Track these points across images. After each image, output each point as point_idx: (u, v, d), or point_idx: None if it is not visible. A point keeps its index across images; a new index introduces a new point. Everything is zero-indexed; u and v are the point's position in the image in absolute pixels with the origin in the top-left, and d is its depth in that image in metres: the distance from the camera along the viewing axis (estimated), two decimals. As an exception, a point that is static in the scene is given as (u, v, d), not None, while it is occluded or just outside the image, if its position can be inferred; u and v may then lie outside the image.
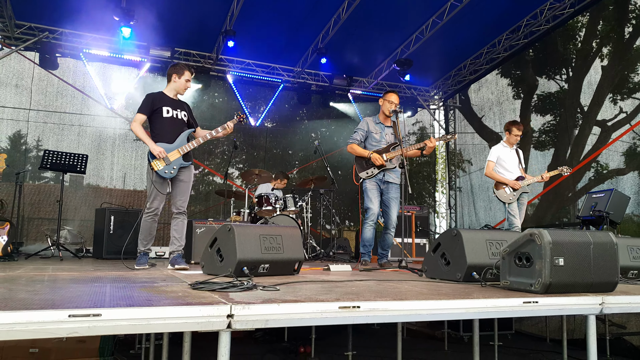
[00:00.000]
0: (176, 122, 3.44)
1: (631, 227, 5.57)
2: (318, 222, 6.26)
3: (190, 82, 3.52)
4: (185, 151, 3.40)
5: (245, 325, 1.41)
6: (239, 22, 6.28)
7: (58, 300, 1.52)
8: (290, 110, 8.43)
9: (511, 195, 4.61)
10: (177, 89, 3.50)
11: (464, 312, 1.77)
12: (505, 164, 4.74)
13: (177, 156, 3.36)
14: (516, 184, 4.60)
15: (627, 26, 6.00)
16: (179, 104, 3.53)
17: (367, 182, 3.95)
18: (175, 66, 3.52)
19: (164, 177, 3.33)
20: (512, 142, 4.78)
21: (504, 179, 4.64)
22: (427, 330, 4.89)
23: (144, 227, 3.39)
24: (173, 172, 3.34)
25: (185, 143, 3.42)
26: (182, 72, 3.46)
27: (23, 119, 6.74)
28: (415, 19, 6.63)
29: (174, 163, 3.34)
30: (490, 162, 4.77)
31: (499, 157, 4.76)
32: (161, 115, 3.39)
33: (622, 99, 6.01)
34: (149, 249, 3.45)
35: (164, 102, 3.43)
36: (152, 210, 3.36)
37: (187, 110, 3.56)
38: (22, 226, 6.19)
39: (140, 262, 3.40)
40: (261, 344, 4.42)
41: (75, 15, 6.20)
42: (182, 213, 3.43)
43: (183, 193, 3.43)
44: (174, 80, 3.48)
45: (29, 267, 3.33)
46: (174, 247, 3.39)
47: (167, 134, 3.38)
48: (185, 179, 3.44)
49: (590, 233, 2.11)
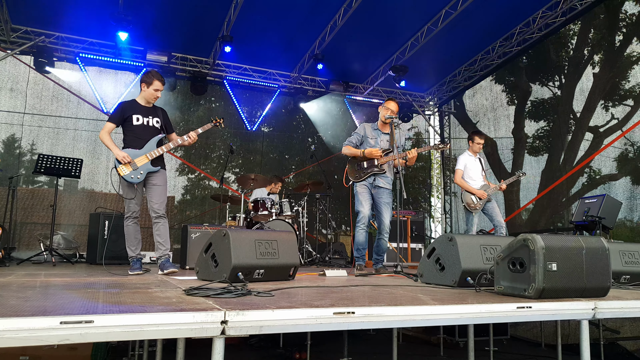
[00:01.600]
0: (147, 129, 3.48)
1: (624, 232, 5.62)
2: (314, 226, 6.26)
3: (160, 91, 3.53)
4: (154, 156, 3.43)
5: (240, 331, 1.41)
6: (236, 27, 6.31)
7: (50, 306, 1.51)
8: (287, 115, 8.46)
9: (478, 205, 4.87)
10: (147, 98, 3.53)
11: (459, 318, 1.77)
12: (470, 172, 5.00)
13: (144, 161, 3.40)
14: (483, 194, 4.86)
15: (617, 34, 6.11)
16: (152, 110, 3.56)
17: (357, 186, 3.97)
18: (146, 75, 3.54)
19: (130, 182, 3.36)
20: (475, 150, 5.09)
21: (471, 189, 4.91)
22: (422, 336, 4.89)
23: (127, 232, 3.42)
24: (140, 177, 3.38)
25: (154, 148, 3.46)
26: (150, 82, 3.48)
27: (17, 122, 6.70)
28: (410, 26, 6.70)
29: (141, 168, 3.39)
30: (458, 170, 5.04)
31: (466, 165, 5.01)
32: (131, 123, 3.45)
33: (613, 105, 6.09)
34: (139, 253, 3.44)
35: (134, 110, 3.48)
36: (128, 215, 3.40)
37: (161, 116, 3.59)
38: (14, 231, 6.13)
39: (134, 268, 3.39)
40: (256, 350, 4.39)
41: (72, 19, 6.20)
42: (162, 216, 3.43)
43: (158, 196, 3.45)
44: (143, 89, 3.51)
45: (21, 273, 3.30)
46: (161, 252, 3.40)
47: (137, 140, 3.44)
48: (158, 183, 3.47)
49: (582, 238, 2.13)
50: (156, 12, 6.04)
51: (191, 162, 7.96)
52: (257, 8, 6.10)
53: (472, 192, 4.88)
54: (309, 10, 6.21)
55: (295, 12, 6.22)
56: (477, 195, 4.86)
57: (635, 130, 5.64)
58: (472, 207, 4.88)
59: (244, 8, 5.94)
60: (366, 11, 6.11)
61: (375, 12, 6.24)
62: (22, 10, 6.12)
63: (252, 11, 6.12)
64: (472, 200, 4.88)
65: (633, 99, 5.85)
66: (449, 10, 6.14)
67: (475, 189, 4.89)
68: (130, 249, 3.43)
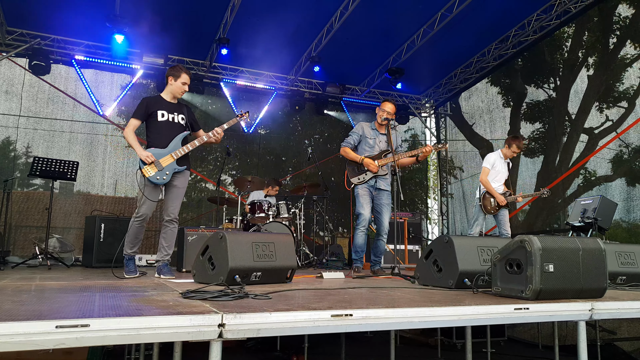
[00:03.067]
0: (172, 126, 3.33)
1: (619, 233, 5.66)
2: (311, 228, 6.25)
3: (187, 85, 3.43)
4: (179, 155, 3.29)
5: (237, 334, 1.40)
6: (232, 30, 6.31)
7: (45, 310, 1.50)
8: (284, 117, 8.46)
9: (494, 209, 4.77)
10: (174, 92, 3.40)
11: (456, 319, 1.77)
12: (496, 174, 4.85)
13: (170, 161, 3.25)
14: (503, 201, 4.74)
15: (611, 37, 6.16)
16: (177, 107, 3.43)
17: (359, 188, 3.96)
18: (173, 68, 3.44)
19: (156, 183, 3.22)
20: (508, 155, 4.90)
21: (494, 192, 4.76)
22: (420, 338, 4.88)
23: (132, 231, 3.29)
24: (166, 177, 3.24)
25: (179, 147, 3.31)
26: (178, 75, 3.38)
27: (12, 125, 6.66)
28: (406, 29, 6.74)
29: (167, 168, 3.24)
30: (485, 168, 4.85)
31: (494, 165, 4.86)
32: (156, 119, 3.29)
33: (607, 107, 6.14)
34: (135, 252, 3.35)
35: (159, 106, 3.33)
36: (140, 215, 3.25)
37: (186, 113, 3.45)
38: (9, 234, 6.08)
39: (129, 270, 3.30)
40: (253, 353, 4.37)
41: (68, 22, 6.18)
42: (173, 220, 3.33)
43: (175, 199, 3.33)
44: (170, 82, 3.39)
45: (16, 277, 3.27)
46: (161, 256, 3.31)
47: (162, 138, 3.28)
48: (179, 185, 3.34)
49: (579, 239, 2.14)
50: (152, 15, 6.03)
51: (188, 164, 7.93)
52: (254, 11, 6.11)
53: (494, 196, 4.73)
54: (306, 13, 6.23)
55: (291, 14, 6.24)
56: (497, 200, 4.71)
57: (629, 131, 5.69)
58: (488, 209, 4.74)
59: (241, 10, 5.95)
60: (363, 14, 6.13)
61: (371, 15, 6.26)
62: (17, 13, 6.09)
63: (248, 14, 6.12)
64: (491, 203, 4.73)
65: (627, 100, 5.91)
66: (444, 12, 6.17)
67: (498, 193, 4.75)
68: (128, 245, 3.30)
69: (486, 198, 4.78)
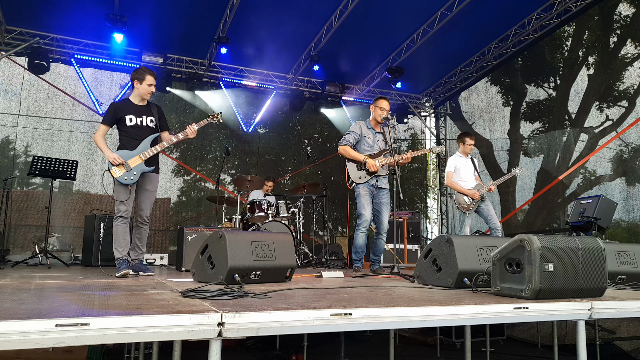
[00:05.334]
0: (140, 130, 3.42)
1: (619, 232, 5.66)
2: (310, 228, 6.25)
3: (153, 86, 3.47)
4: (147, 156, 3.39)
5: (236, 333, 1.40)
6: (232, 29, 6.30)
7: (45, 309, 1.49)
8: (283, 116, 8.45)
9: (471, 205, 4.86)
10: (141, 94, 3.47)
11: (456, 319, 1.77)
12: (461, 173, 4.99)
13: (138, 162, 3.36)
14: (475, 194, 4.84)
15: (612, 36, 6.16)
16: (146, 109, 3.49)
17: (359, 187, 3.94)
18: (136, 71, 3.49)
19: (124, 183, 3.33)
20: (466, 151, 5.09)
21: (462, 189, 4.90)
22: (419, 337, 4.89)
23: (115, 232, 3.36)
24: (134, 178, 3.35)
25: (148, 148, 3.40)
26: (143, 77, 3.43)
27: (12, 124, 6.65)
28: (406, 28, 6.73)
29: (135, 169, 3.35)
30: (449, 172, 5.05)
31: (456, 166, 5.01)
32: (125, 124, 3.40)
33: (608, 106, 6.14)
34: (127, 255, 3.39)
35: (127, 111, 3.42)
36: (119, 215, 3.34)
37: (155, 114, 3.51)
38: (8, 233, 6.07)
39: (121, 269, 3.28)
40: (253, 352, 4.37)
41: (67, 21, 6.17)
42: (147, 223, 3.48)
43: (148, 202, 3.47)
44: (136, 86, 3.45)
45: (15, 276, 3.26)
46: (136, 255, 3.46)
47: (131, 141, 3.39)
48: (150, 188, 3.46)
49: (578, 239, 2.14)
50: (152, 14, 6.02)
51: (187, 163, 7.94)
52: (254, 9, 6.10)
53: (464, 193, 4.87)
54: (305, 12, 6.22)
55: (291, 13, 6.23)
56: (469, 195, 4.85)
57: (629, 131, 5.69)
58: (465, 208, 4.87)
59: (240, 9, 5.94)
60: (362, 13, 6.13)
61: (371, 14, 6.25)
62: (16, 12, 6.08)
63: (248, 13, 6.12)
64: (464, 201, 4.86)
65: (627, 100, 5.91)
66: (444, 11, 6.17)
67: (467, 189, 4.88)
68: (117, 250, 3.35)
69: (458, 197, 4.91)
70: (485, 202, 4.91)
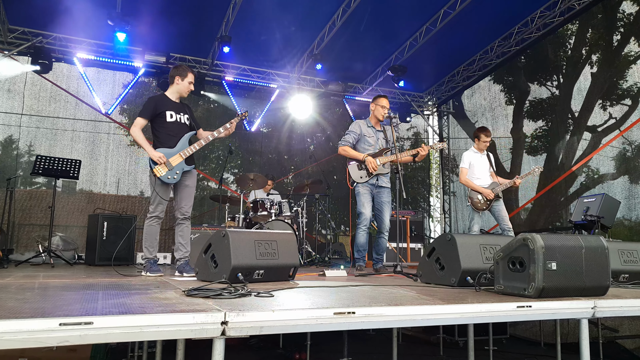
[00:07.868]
0: (180, 127, 3.36)
1: (622, 231, 5.64)
2: (313, 227, 6.26)
3: (193, 84, 3.45)
4: (187, 155, 3.34)
5: (240, 332, 1.40)
6: (234, 27, 6.30)
7: (49, 308, 1.50)
8: (286, 115, 8.45)
9: (485, 204, 4.71)
10: (180, 92, 3.42)
11: (459, 317, 1.77)
12: (476, 170, 4.81)
13: (179, 160, 3.30)
14: (490, 194, 4.66)
15: (615, 34, 6.12)
16: (182, 107, 3.45)
17: (360, 187, 3.93)
18: (178, 68, 3.44)
19: (167, 182, 3.27)
20: (481, 148, 4.89)
21: (478, 187, 4.72)
22: (422, 336, 4.89)
23: (149, 232, 3.29)
24: (176, 177, 3.29)
25: (187, 146, 3.35)
26: (185, 74, 3.39)
27: (15, 123, 6.68)
28: (409, 26, 6.71)
29: (177, 168, 3.29)
30: (463, 168, 4.85)
31: (471, 163, 4.84)
32: (164, 119, 3.31)
33: (611, 105, 6.11)
34: (156, 255, 3.35)
35: (167, 106, 3.34)
36: (155, 214, 3.29)
37: (189, 112, 3.48)
38: (12, 233, 6.11)
39: (153, 270, 3.24)
40: (256, 351, 4.38)
41: (70, 20, 6.17)
42: (187, 218, 3.39)
43: (188, 198, 3.39)
44: (177, 82, 3.39)
45: (19, 275, 3.28)
46: (181, 254, 3.34)
47: (170, 139, 3.31)
48: (190, 184, 3.41)
49: (581, 237, 2.13)
50: (154, 13, 6.02)
51: (191, 162, 7.93)
52: (256, 8, 6.10)
53: (479, 191, 4.69)
54: (308, 11, 6.21)
55: (293, 12, 6.22)
56: (484, 194, 4.67)
57: (633, 129, 5.65)
58: (479, 206, 4.70)
59: (243, 8, 5.93)
60: (365, 11, 6.11)
61: (374, 12, 6.24)
62: (19, 11, 6.10)
63: (250, 11, 6.11)
64: (479, 200, 4.69)
65: (631, 98, 5.87)
66: (447, 10, 6.14)
67: (482, 187, 4.70)
68: (147, 250, 3.30)
69: (472, 195, 4.75)
70: (499, 201, 4.73)
